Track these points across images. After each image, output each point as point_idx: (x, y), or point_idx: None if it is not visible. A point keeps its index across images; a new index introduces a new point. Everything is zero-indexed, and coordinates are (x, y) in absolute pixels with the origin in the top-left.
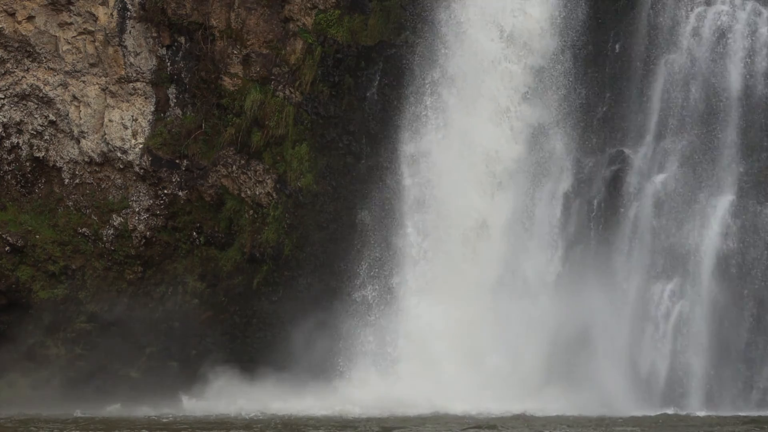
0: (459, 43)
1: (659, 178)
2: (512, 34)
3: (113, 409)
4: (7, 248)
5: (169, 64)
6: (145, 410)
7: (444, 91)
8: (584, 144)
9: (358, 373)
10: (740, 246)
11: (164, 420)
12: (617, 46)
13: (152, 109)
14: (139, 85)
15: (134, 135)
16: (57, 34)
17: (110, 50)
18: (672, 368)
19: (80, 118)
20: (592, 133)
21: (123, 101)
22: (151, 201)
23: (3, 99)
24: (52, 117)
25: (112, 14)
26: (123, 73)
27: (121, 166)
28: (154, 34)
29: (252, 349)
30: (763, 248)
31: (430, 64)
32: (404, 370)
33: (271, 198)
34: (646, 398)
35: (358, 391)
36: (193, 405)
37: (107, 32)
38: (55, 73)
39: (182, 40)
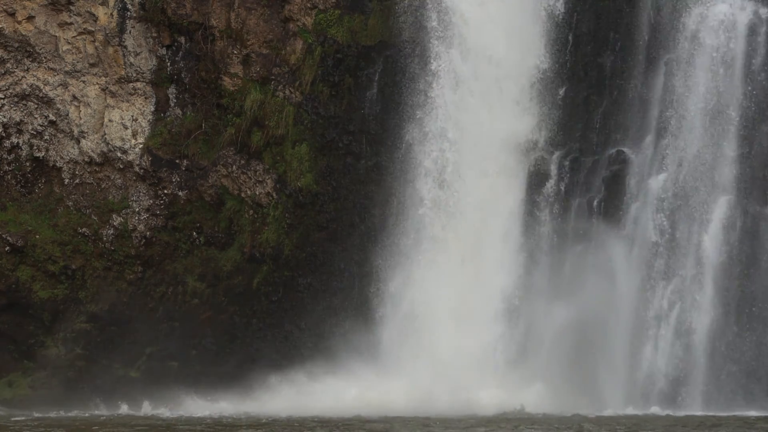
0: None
1: (659, 178)
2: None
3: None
4: (7, 248)
5: (169, 64)
6: (145, 410)
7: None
8: (584, 144)
9: (359, 374)
10: (740, 246)
11: (164, 420)
12: (617, 46)
13: (152, 109)
14: (139, 85)
15: (134, 135)
16: (57, 34)
17: (110, 50)
18: (671, 368)
19: (80, 118)
20: (592, 133)
21: (123, 101)
22: (151, 201)
23: (3, 99)
24: (52, 117)
25: (112, 14)
26: (123, 73)
27: (121, 166)
28: (154, 34)
29: (252, 349)
30: (762, 248)
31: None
32: (406, 369)
33: (271, 198)
34: (645, 398)
35: (359, 391)
36: (192, 405)
37: (107, 32)
38: (55, 73)
39: (182, 40)
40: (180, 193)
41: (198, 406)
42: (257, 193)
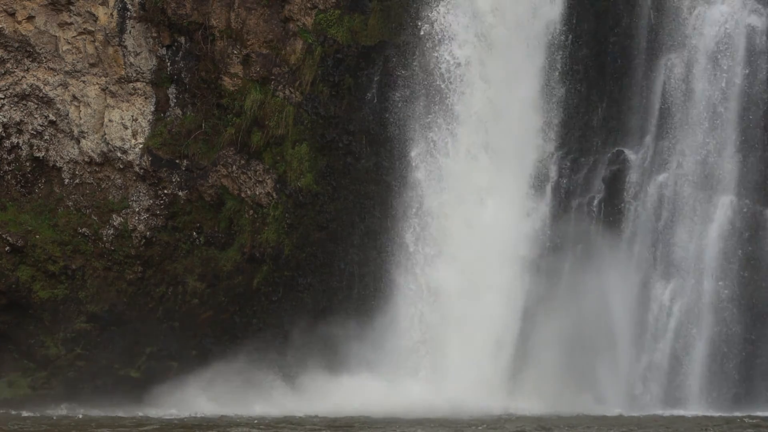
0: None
1: (659, 178)
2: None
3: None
4: (7, 248)
5: (169, 64)
6: (145, 410)
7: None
8: (584, 144)
9: (359, 374)
10: (740, 246)
11: (163, 420)
12: (617, 47)
13: (152, 109)
14: (139, 85)
15: (134, 135)
16: (57, 34)
17: (110, 50)
18: (672, 368)
19: (80, 118)
20: (592, 133)
21: (123, 101)
22: (151, 201)
23: (3, 99)
24: (52, 117)
25: (112, 14)
26: (123, 73)
27: (121, 166)
28: (154, 34)
29: (252, 349)
30: (762, 248)
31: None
32: (407, 370)
33: (271, 198)
34: (645, 398)
35: (360, 392)
36: (192, 405)
37: (107, 32)
38: (55, 73)
39: (182, 40)
40: (180, 193)
41: (197, 406)
42: (257, 193)
